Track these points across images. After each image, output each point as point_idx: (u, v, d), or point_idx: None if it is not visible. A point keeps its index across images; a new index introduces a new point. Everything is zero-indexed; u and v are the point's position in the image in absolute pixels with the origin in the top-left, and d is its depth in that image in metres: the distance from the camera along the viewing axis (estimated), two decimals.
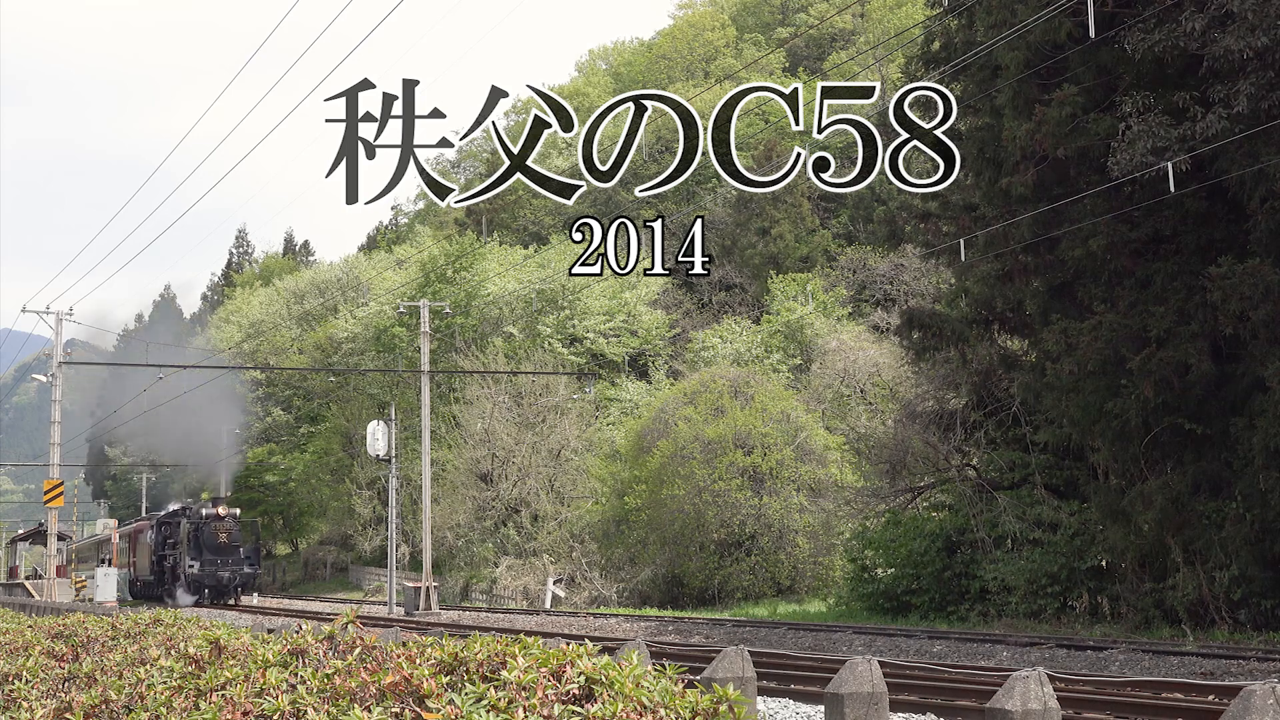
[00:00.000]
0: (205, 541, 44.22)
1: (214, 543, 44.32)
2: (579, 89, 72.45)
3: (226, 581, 44.08)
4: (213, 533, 44.42)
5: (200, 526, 44.74)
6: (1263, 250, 16.69)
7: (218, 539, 44.38)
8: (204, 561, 43.83)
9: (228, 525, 45.05)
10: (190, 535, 44.37)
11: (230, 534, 44.78)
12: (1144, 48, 16.49)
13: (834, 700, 7.08)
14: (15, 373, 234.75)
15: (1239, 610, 18.06)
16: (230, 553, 44.57)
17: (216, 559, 44.05)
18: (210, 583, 43.83)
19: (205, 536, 44.32)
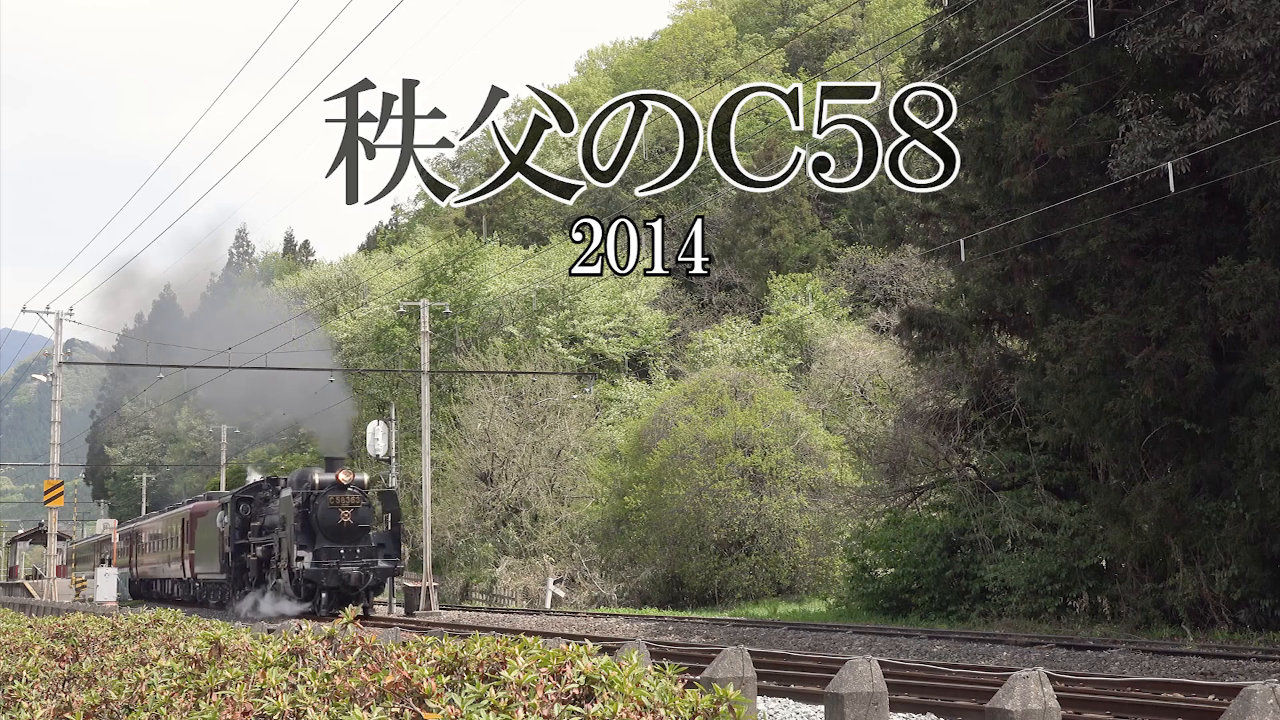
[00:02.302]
0: (321, 522, 29.40)
1: (333, 523, 29.27)
2: (579, 89, 72.47)
3: (355, 581, 28.69)
4: (332, 509, 29.40)
5: (313, 500, 29.71)
6: (1263, 250, 16.69)
7: (339, 519, 29.31)
8: (320, 552, 28.98)
9: (353, 498, 29.71)
10: (298, 514, 29.53)
11: (356, 511, 29.73)
12: (1144, 48, 16.49)
13: (834, 700, 7.08)
14: (15, 373, 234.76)
15: (1239, 610, 18.06)
16: (358, 538, 29.55)
17: (339, 548, 29.09)
18: (331, 583, 28.66)
19: (321, 514, 29.40)
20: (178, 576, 43.95)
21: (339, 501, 29.37)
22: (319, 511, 29.33)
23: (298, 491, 29.77)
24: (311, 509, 29.49)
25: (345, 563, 28.74)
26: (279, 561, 30.39)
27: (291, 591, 29.37)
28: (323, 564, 28.68)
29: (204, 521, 38.76)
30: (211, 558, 37.02)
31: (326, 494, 29.46)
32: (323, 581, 28.53)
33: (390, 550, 30.10)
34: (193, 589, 41.41)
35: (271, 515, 31.98)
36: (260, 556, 32.03)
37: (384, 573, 29.82)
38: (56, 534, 40.71)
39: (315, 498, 29.54)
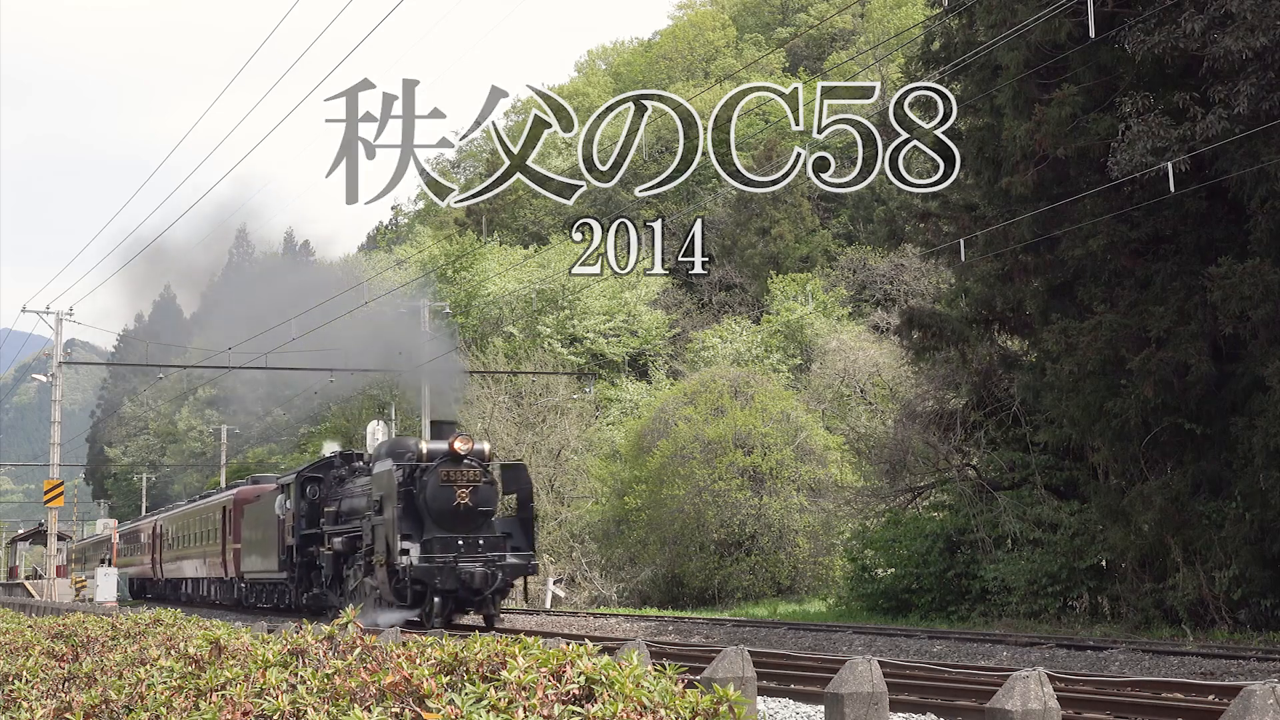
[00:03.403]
0: (431, 505, 22.18)
1: (447, 506, 22.15)
2: (579, 89, 72.46)
3: (480, 582, 21.60)
4: (444, 488, 22.17)
5: (418, 477, 22.53)
6: (1263, 250, 16.69)
7: (454, 500, 22.16)
8: (431, 544, 21.84)
9: (473, 473, 22.43)
10: (401, 494, 22.33)
11: (477, 491, 22.39)
12: (1144, 48, 16.49)
13: (834, 700, 7.08)
14: (15, 373, 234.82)
15: (1239, 610, 18.07)
16: (479, 525, 22.41)
17: (456, 538, 21.97)
18: (447, 584, 21.54)
19: (430, 495, 22.18)
20: (216, 576, 37.33)
21: (454, 478, 21.96)
22: (428, 491, 21.87)
23: (400, 465, 22.44)
24: (417, 488, 22.11)
25: (465, 558, 21.43)
26: (371, 555, 23.11)
27: (392, 595, 22.01)
28: (435, 560, 21.24)
29: (254, 510, 32.24)
30: (266, 552, 30.24)
31: (438, 468, 21.95)
32: (436, 582, 21.10)
33: (519, 541, 22.79)
34: (237, 590, 34.84)
35: (353, 497, 25.29)
36: (339, 549, 25.05)
37: (514, 571, 22.13)
38: (56, 534, 40.71)
39: (421, 473, 22.22)
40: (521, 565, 22.43)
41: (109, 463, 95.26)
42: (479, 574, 21.37)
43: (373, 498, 23.51)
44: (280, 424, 74.57)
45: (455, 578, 21.30)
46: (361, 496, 24.61)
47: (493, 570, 21.59)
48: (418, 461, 22.65)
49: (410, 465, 22.56)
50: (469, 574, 21.33)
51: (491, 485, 22.70)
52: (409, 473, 22.37)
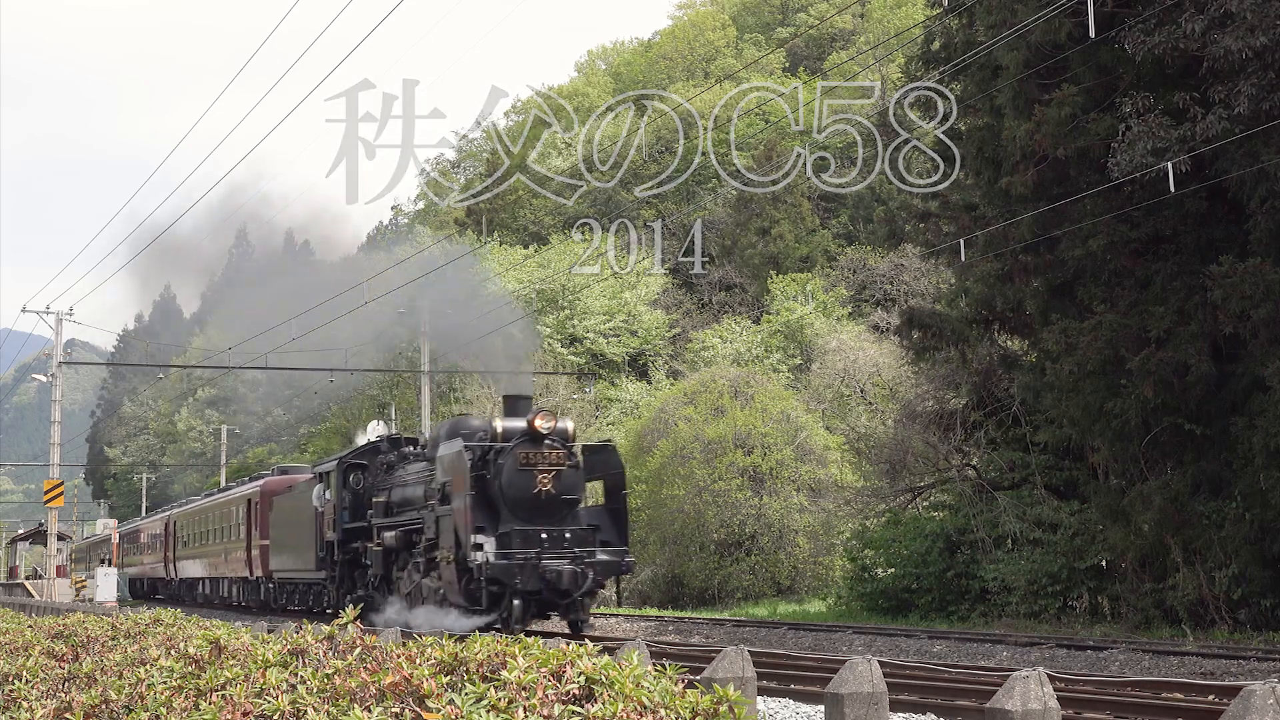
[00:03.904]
0: (507, 491, 19.11)
1: (526, 493, 19.14)
2: (579, 89, 72.46)
3: (568, 583, 18.53)
4: (524, 472, 19.17)
5: (491, 459, 19.29)
6: (1263, 250, 16.69)
7: (534, 486, 19.14)
8: (509, 537, 18.75)
9: (556, 455, 19.40)
10: (474, 480, 19.03)
11: (561, 476, 19.37)
12: (1144, 48, 16.49)
13: (834, 700, 7.08)
14: (15, 373, 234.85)
15: (1239, 610, 18.07)
16: (562, 516, 19.36)
17: (538, 530, 18.97)
18: (530, 585, 18.49)
19: (507, 481, 19.12)
20: (238, 576, 34.37)
21: (534, 460, 18.86)
22: (503, 476, 18.76)
23: (470, 446, 19.13)
24: (490, 472, 18.91)
25: (549, 553, 18.45)
26: (433, 551, 20.08)
27: (461, 596, 18.84)
28: (514, 556, 18.19)
29: (285, 502, 29.22)
30: (300, 549, 26.99)
31: (515, 449, 18.88)
32: (516, 583, 18.02)
33: (609, 535, 19.56)
34: (264, 592, 31.99)
35: (406, 486, 22.32)
36: (391, 545, 21.87)
37: (606, 569, 19.08)
38: (56, 534, 40.71)
39: (495, 456, 18.99)
40: (614, 563, 19.24)
41: (109, 463, 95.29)
42: (567, 573, 18.15)
43: (433, 485, 20.50)
44: (280, 424, 74.59)
45: (539, 577, 18.14)
46: (418, 484, 21.71)
47: (582, 569, 18.36)
48: (491, 442, 19.24)
49: (482, 447, 19.15)
50: (555, 573, 18.13)
51: (576, 469, 19.45)
52: (480, 456, 19.01)
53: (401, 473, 23.05)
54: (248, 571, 33.18)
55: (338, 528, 24.64)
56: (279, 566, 29.61)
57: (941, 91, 14.29)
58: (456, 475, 19.19)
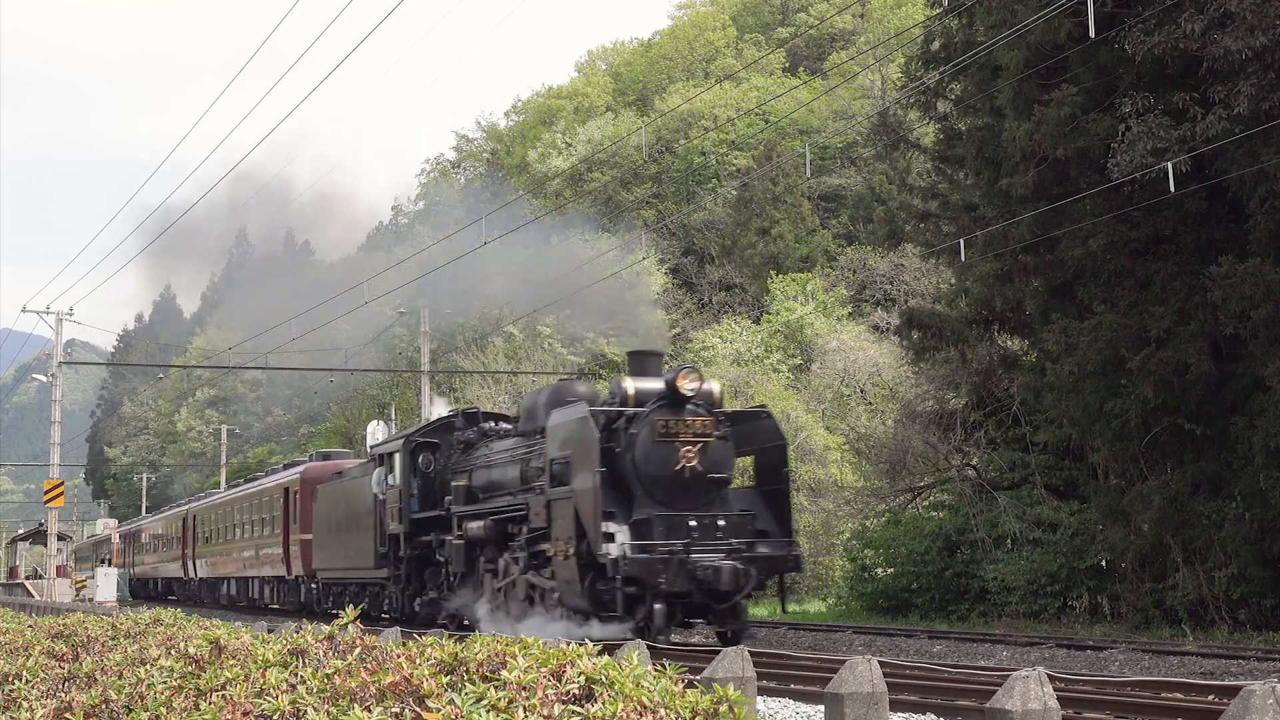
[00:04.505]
0: (642, 468, 15.44)
1: (667, 471, 15.44)
2: (579, 89, 72.45)
3: (728, 583, 14.62)
4: (662, 444, 15.46)
5: (622, 428, 15.67)
6: (1263, 250, 16.70)
7: (675, 462, 15.44)
8: (648, 526, 15.03)
9: (702, 423, 15.69)
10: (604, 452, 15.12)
11: (708, 451, 15.64)
12: (1144, 48, 16.49)
13: (834, 700, 7.08)
14: (15, 373, 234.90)
15: (1239, 610, 18.07)
16: (713, 498, 15.72)
17: (683, 517, 15.27)
18: (677, 584, 14.61)
19: (641, 454, 15.44)
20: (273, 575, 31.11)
21: (676, 430, 15.28)
22: (637, 449, 15.23)
23: (596, 411, 15.43)
24: (620, 444, 15.35)
25: (700, 546, 14.83)
26: (541, 543, 16.39)
27: (585, 599, 15.10)
28: (656, 549, 14.60)
29: (330, 491, 25.67)
30: (354, 544, 23.50)
31: (651, 416, 15.33)
32: (660, 583, 14.41)
33: (767, 523, 15.96)
34: (305, 593, 28.60)
35: (495, 466, 18.79)
36: (480, 537, 18.31)
37: (770, 566, 15.46)
38: (56, 534, 40.70)
39: (626, 424, 15.47)
40: (779, 558, 15.51)
41: (109, 463, 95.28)
42: (726, 570, 14.47)
43: (534, 463, 17.13)
44: (280, 424, 74.60)
45: (688, 575, 14.47)
46: (510, 464, 18.22)
47: (744, 567, 14.68)
48: (623, 405, 15.65)
49: (606, 413, 15.54)
50: (710, 570, 14.47)
51: (726, 442, 15.71)
52: (605, 424, 15.39)
53: (485, 451, 19.48)
54: (284, 570, 29.77)
55: (404, 518, 20.89)
56: (325, 564, 25.89)
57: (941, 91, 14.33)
58: (580, 448, 15.12)
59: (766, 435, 16.83)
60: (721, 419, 15.92)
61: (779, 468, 16.61)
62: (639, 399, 15.76)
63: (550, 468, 15.94)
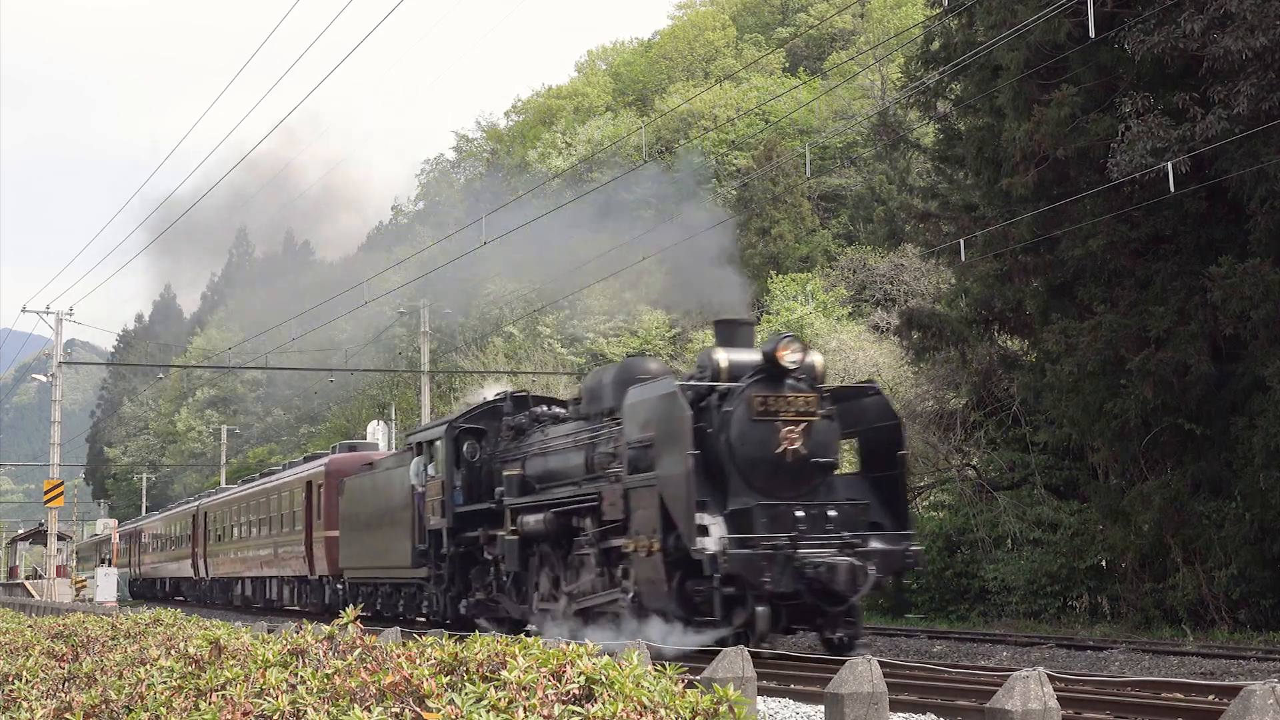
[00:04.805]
0: (739, 451, 13.44)
1: (767, 455, 13.46)
2: (579, 89, 72.48)
3: (845, 582, 12.76)
4: (761, 423, 13.49)
5: (713, 406, 13.63)
6: (1263, 250, 16.70)
7: (777, 444, 13.47)
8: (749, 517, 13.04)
9: (805, 401, 13.71)
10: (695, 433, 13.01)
11: (813, 432, 13.67)
12: (1144, 48, 16.49)
13: (834, 700, 7.08)
14: (15, 373, 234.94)
15: (1239, 610, 18.07)
16: (817, 487, 13.74)
17: (792, 508, 13.12)
18: (783, 584, 12.65)
19: (738, 435, 13.44)
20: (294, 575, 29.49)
21: (776, 407, 13.51)
22: (732, 429, 13.44)
23: (687, 387, 13.60)
24: (712, 424, 13.52)
25: (808, 540, 12.93)
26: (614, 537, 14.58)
27: (673, 601, 13.30)
28: (758, 544, 12.75)
29: (360, 484, 23.87)
30: (388, 540, 21.78)
31: (746, 392, 13.52)
32: (764, 582, 12.58)
33: (879, 515, 14.08)
34: (329, 594, 26.97)
35: (553, 453, 17.08)
36: (538, 531, 16.49)
37: (887, 563, 13.48)
38: (56, 534, 40.70)
39: (719, 401, 13.65)
40: (895, 554, 13.51)
41: (109, 463, 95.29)
42: (842, 568, 12.70)
43: (603, 449, 15.39)
44: (280, 424, 74.60)
45: (797, 574, 12.68)
46: (572, 450, 16.42)
47: (861, 562, 12.92)
48: (714, 378, 13.80)
49: (695, 388, 13.73)
50: (823, 568, 12.69)
51: (831, 422, 13.94)
52: (693, 401, 13.46)
53: (540, 437, 17.75)
54: (307, 569, 27.92)
55: (447, 512, 19.13)
56: (354, 563, 24.02)
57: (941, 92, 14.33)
58: (666, 429, 13.26)
59: (875, 414, 14.86)
60: (825, 396, 14.06)
61: (892, 450, 14.49)
62: (733, 373, 13.81)
63: (629, 452, 14.00)
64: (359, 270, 70.47)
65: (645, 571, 13.66)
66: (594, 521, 15.22)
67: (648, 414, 13.83)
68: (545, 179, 46.96)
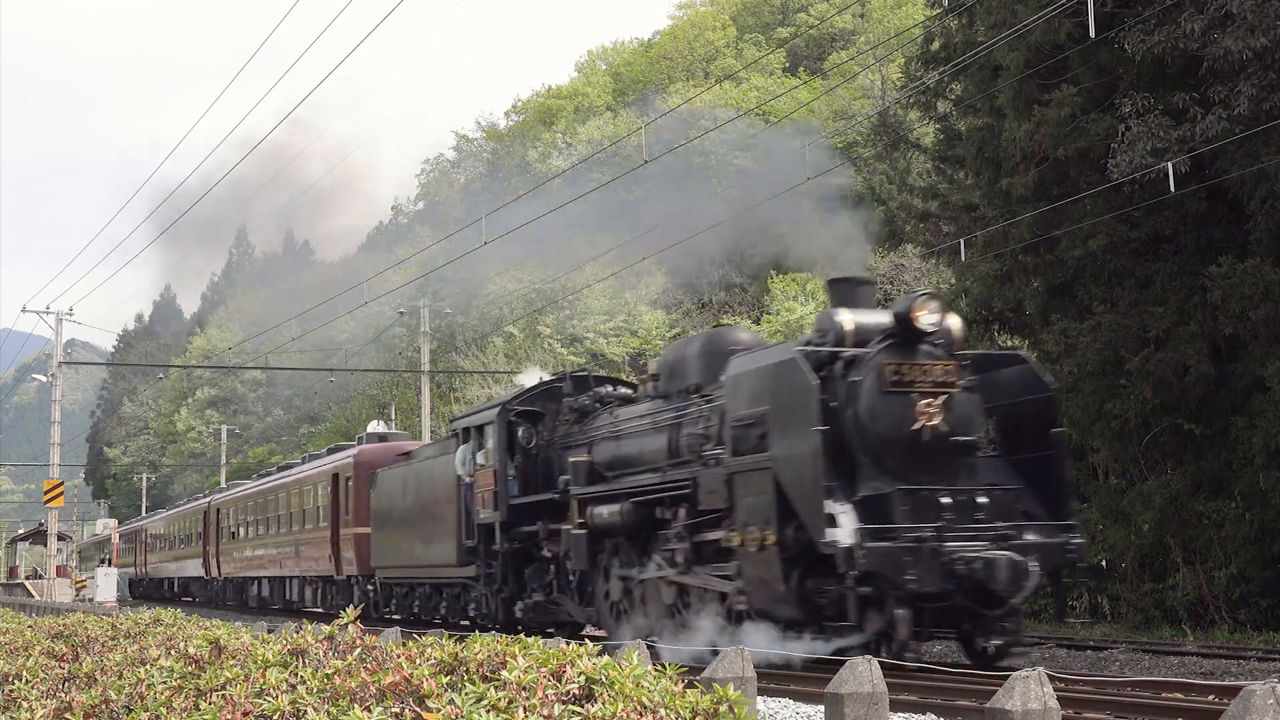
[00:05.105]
0: (873, 427, 11.48)
1: (901, 433, 11.47)
2: (579, 89, 72.49)
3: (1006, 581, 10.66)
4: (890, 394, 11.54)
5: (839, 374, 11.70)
6: (1263, 250, 16.71)
7: (912, 420, 11.50)
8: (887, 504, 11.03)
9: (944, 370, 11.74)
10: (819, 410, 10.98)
11: (954, 405, 11.68)
12: (1144, 48, 16.50)
13: (834, 700, 7.08)
14: (15, 373, 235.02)
15: (1239, 610, 18.07)
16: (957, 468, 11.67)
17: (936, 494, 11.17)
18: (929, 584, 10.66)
19: (868, 410, 11.49)
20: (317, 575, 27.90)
21: (911, 377, 11.78)
22: (861, 403, 11.67)
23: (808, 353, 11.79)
24: (840, 396, 11.74)
25: (956, 531, 11.11)
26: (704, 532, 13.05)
27: (793, 604, 11.58)
28: (899, 535, 10.93)
29: (394, 475, 22.20)
30: (429, 537, 20.12)
31: (877, 359, 11.77)
32: (907, 581, 10.75)
33: (1031, 504, 12.09)
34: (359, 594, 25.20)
35: (626, 436, 15.40)
36: (612, 524, 14.69)
37: (1047, 557, 11.48)
38: (56, 534, 40.71)
39: (844, 370, 11.88)
40: (1056, 547, 11.58)
41: (109, 463, 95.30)
42: (1002, 564, 10.78)
43: (693, 431, 13.61)
44: (280, 424, 74.60)
45: (944, 572, 10.78)
46: (653, 432, 14.71)
47: (1023, 556, 10.97)
48: (838, 343, 12.00)
49: (818, 355, 11.80)
50: (979, 564, 10.78)
51: (972, 394, 12.01)
52: (814, 370, 11.49)
53: (608, 420, 16.10)
54: (333, 569, 26.22)
55: (500, 504, 17.48)
56: (389, 562, 22.32)
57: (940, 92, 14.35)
58: (784, 402, 11.52)
59: (1022, 385, 12.68)
60: (965, 364, 12.08)
61: (1044, 427, 12.37)
62: (859, 337, 11.98)
63: (732, 432, 12.26)
64: (359, 270, 70.52)
65: (756, 569, 11.83)
66: (686, 512, 13.40)
67: (758, 386, 12.04)
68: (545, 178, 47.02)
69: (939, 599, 10.98)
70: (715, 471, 12.69)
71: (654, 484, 14.14)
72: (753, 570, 11.95)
